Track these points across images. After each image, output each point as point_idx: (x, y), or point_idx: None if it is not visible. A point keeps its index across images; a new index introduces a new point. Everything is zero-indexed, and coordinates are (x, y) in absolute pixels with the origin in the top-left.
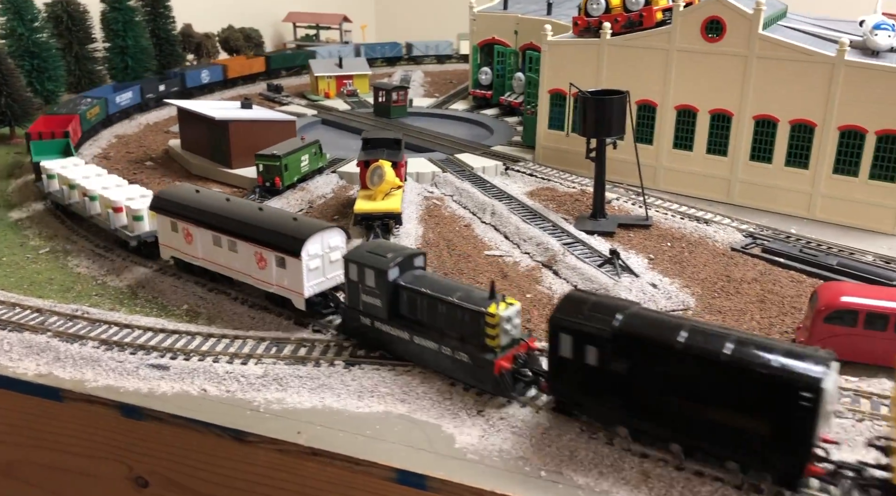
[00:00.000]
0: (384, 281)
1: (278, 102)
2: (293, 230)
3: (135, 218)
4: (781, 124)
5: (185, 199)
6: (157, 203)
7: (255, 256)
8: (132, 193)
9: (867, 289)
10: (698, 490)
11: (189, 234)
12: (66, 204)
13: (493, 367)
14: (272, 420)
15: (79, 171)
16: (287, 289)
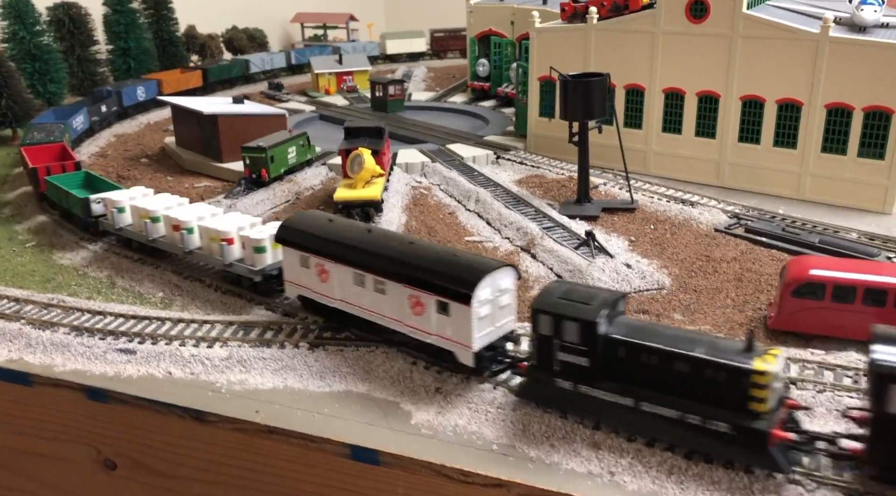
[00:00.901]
0: (593, 335)
1: (278, 100)
2: (459, 270)
3: (256, 250)
4: (768, 104)
5: (318, 229)
6: (284, 234)
7: (409, 300)
8: (240, 222)
9: (836, 263)
10: (648, 460)
11: (324, 271)
12: (149, 240)
13: (768, 439)
14: (233, 400)
15: (154, 201)
16: (450, 341)
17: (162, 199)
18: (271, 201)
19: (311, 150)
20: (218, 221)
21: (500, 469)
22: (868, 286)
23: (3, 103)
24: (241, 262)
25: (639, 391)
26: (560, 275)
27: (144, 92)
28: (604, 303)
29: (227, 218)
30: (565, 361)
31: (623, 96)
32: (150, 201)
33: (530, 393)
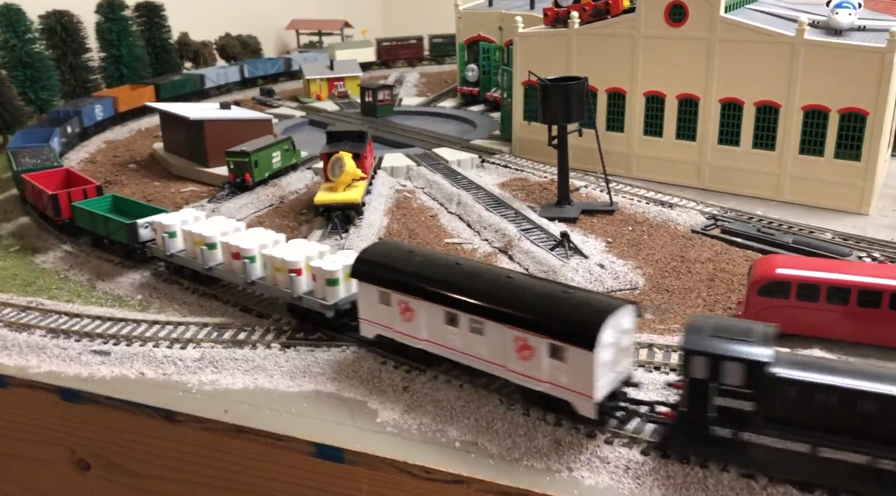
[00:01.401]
0: (761, 376)
1: (269, 105)
2: (576, 309)
3: (328, 282)
4: (747, 106)
5: (400, 262)
6: (362, 268)
7: (515, 343)
8: (308, 250)
9: (802, 262)
10: (606, 456)
11: (408, 310)
12: (205, 269)
13: None
14: (202, 400)
15: (210, 226)
16: (566, 390)
17: (217, 224)
18: (255, 205)
19: (296, 154)
20: (283, 250)
21: (462, 465)
22: (831, 284)
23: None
24: (310, 296)
25: (815, 435)
26: (535, 276)
27: (102, 111)
28: (765, 339)
29: (292, 245)
30: (724, 406)
31: (605, 100)
32: (206, 226)
33: (678, 442)
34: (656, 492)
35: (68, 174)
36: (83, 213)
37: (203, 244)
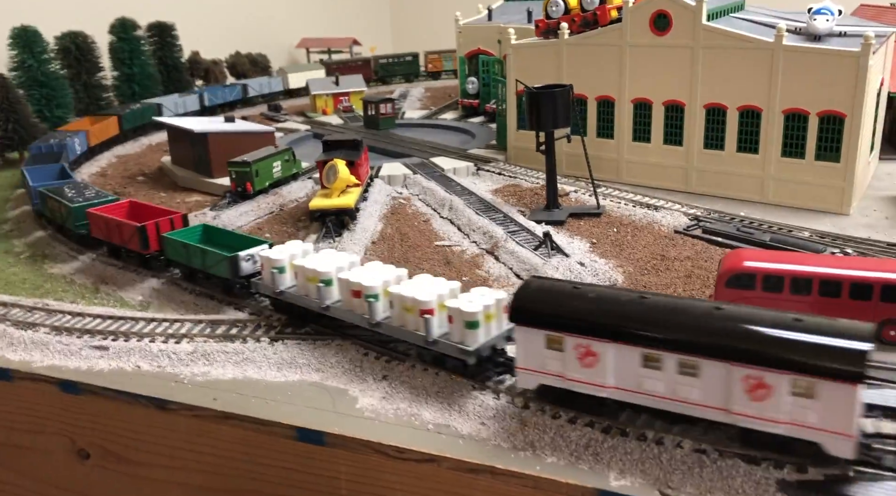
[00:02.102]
0: None
1: (276, 120)
2: (825, 339)
3: (468, 325)
4: (730, 111)
5: (571, 299)
6: (523, 310)
7: (744, 382)
8: (439, 288)
9: (769, 255)
10: (568, 435)
11: (589, 354)
12: (321, 308)
13: None
14: (193, 390)
15: (323, 261)
16: (815, 430)
17: (331, 258)
18: (255, 213)
19: (296, 164)
20: (412, 287)
21: (433, 445)
22: (795, 275)
23: (11, 127)
24: (447, 339)
25: None
26: (519, 274)
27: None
28: None
29: (421, 282)
30: None
31: (595, 108)
32: (319, 260)
33: None
34: (614, 468)
35: (133, 205)
36: (175, 245)
37: (318, 280)
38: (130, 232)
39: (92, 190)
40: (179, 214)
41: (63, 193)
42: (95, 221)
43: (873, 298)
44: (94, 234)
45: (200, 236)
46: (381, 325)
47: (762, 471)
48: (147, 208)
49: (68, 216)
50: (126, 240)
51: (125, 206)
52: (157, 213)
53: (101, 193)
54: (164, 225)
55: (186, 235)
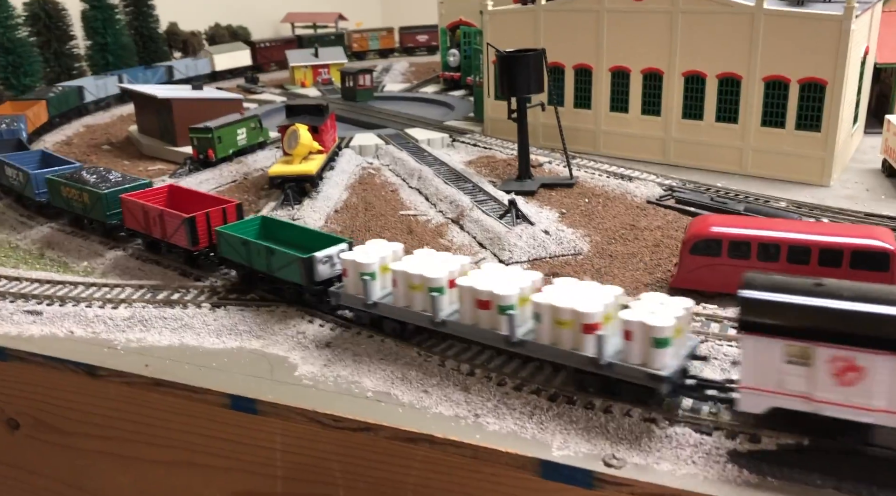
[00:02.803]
0: None
1: (253, 92)
2: None
3: (656, 343)
4: (709, 79)
5: (825, 299)
6: (758, 314)
7: None
8: (604, 296)
9: (737, 220)
10: (512, 403)
11: (851, 368)
12: (435, 322)
13: None
14: (126, 356)
15: (431, 264)
16: None
17: (440, 260)
18: (216, 180)
19: (263, 132)
20: (566, 296)
21: (371, 414)
22: (762, 241)
23: None
24: (622, 361)
25: None
26: (482, 243)
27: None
28: None
29: (569, 287)
30: None
31: (573, 77)
32: (425, 263)
33: None
34: (558, 437)
35: (174, 191)
36: (232, 242)
37: (426, 289)
38: (176, 224)
39: (116, 173)
40: (234, 203)
41: (83, 179)
42: (132, 210)
43: (843, 265)
44: (130, 225)
45: (258, 230)
46: (525, 344)
47: (713, 440)
48: (190, 195)
49: (96, 204)
50: (169, 233)
51: (163, 193)
52: (204, 201)
53: (129, 177)
54: (215, 216)
55: (242, 229)
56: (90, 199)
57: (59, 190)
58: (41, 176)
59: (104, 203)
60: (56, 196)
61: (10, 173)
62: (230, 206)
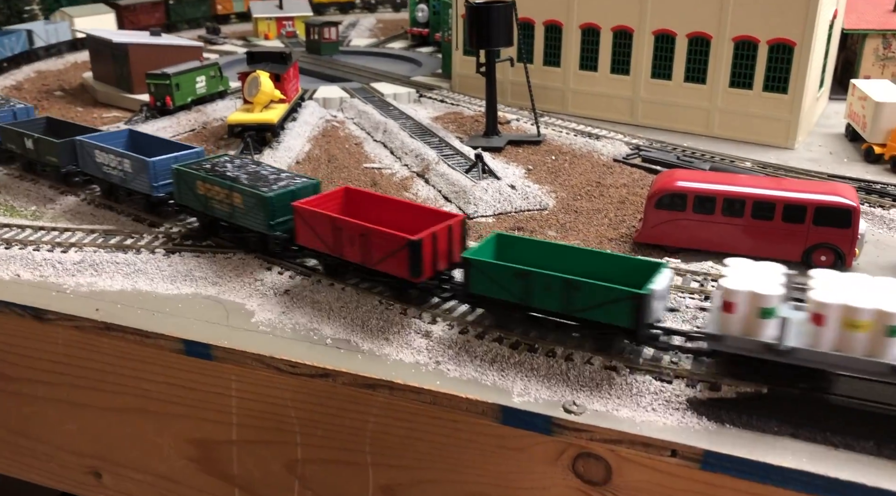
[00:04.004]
0: None
1: (214, 43)
2: None
3: None
4: (679, 38)
5: None
6: None
7: None
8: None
9: (703, 175)
10: (474, 350)
11: None
12: None
13: None
14: (76, 300)
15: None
16: None
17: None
18: (174, 129)
19: (223, 81)
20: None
21: (330, 360)
22: (727, 196)
23: None
24: None
25: None
26: (447, 196)
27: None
28: None
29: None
30: None
31: (542, 33)
32: (873, 293)
33: None
34: (518, 384)
35: (350, 195)
36: (497, 275)
37: (882, 326)
38: (390, 247)
39: (270, 168)
40: (459, 218)
41: (227, 174)
42: (311, 222)
43: (805, 221)
44: (305, 242)
45: (494, 250)
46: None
47: (673, 388)
48: (375, 200)
49: (253, 210)
50: (376, 258)
51: (338, 198)
52: (399, 211)
53: (287, 173)
54: (440, 236)
55: (486, 252)
56: (245, 202)
57: (193, 186)
58: (163, 165)
59: (268, 210)
60: (185, 193)
61: (103, 160)
62: (455, 222)
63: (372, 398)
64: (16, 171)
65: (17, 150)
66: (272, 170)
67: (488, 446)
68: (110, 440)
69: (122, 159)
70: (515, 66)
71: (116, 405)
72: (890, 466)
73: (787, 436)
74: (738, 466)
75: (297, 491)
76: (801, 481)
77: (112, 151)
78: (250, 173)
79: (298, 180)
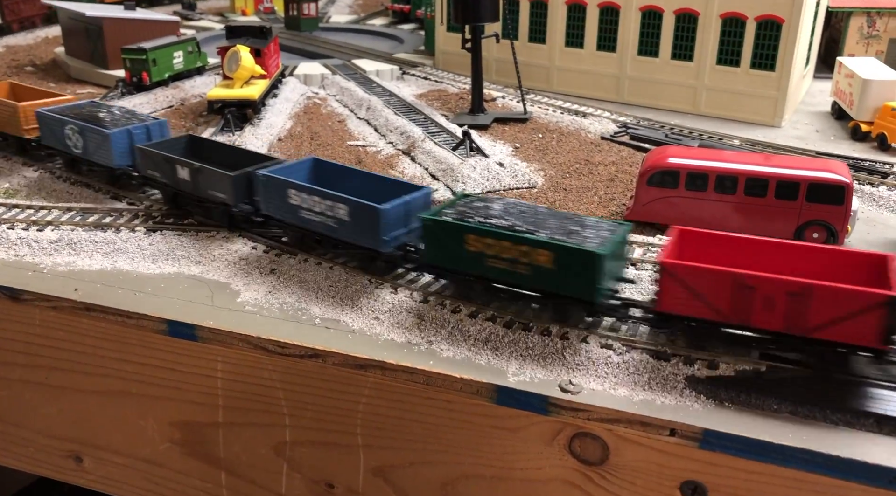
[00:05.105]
0: None
1: (190, 19)
2: None
3: None
4: (666, 15)
5: None
6: None
7: None
8: None
9: (696, 152)
10: (467, 330)
11: None
12: None
13: None
14: (53, 280)
15: None
16: None
17: None
18: (151, 105)
19: (201, 57)
20: None
21: (319, 340)
22: (720, 173)
23: None
24: None
25: None
26: (435, 174)
27: None
28: None
29: None
30: None
31: (528, 9)
32: None
33: None
34: (513, 364)
35: (687, 237)
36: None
37: None
38: (852, 307)
39: (559, 213)
40: None
41: (508, 222)
42: (695, 283)
43: (798, 198)
44: (671, 308)
45: None
46: None
47: (671, 366)
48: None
49: (565, 272)
50: (814, 323)
51: (691, 242)
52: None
53: (593, 219)
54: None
55: None
56: (554, 261)
57: (460, 241)
58: (395, 213)
59: (594, 268)
60: (448, 249)
61: (300, 202)
62: None
63: (363, 378)
64: None
65: (159, 179)
66: (569, 215)
67: (483, 427)
68: (91, 423)
69: (336, 204)
70: (500, 42)
71: (97, 388)
72: (890, 443)
73: (786, 414)
74: (738, 445)
75: (286, 473)
76: (801, 459)
77: (316, 192)
78: (539, 220)
79: (616, 227)
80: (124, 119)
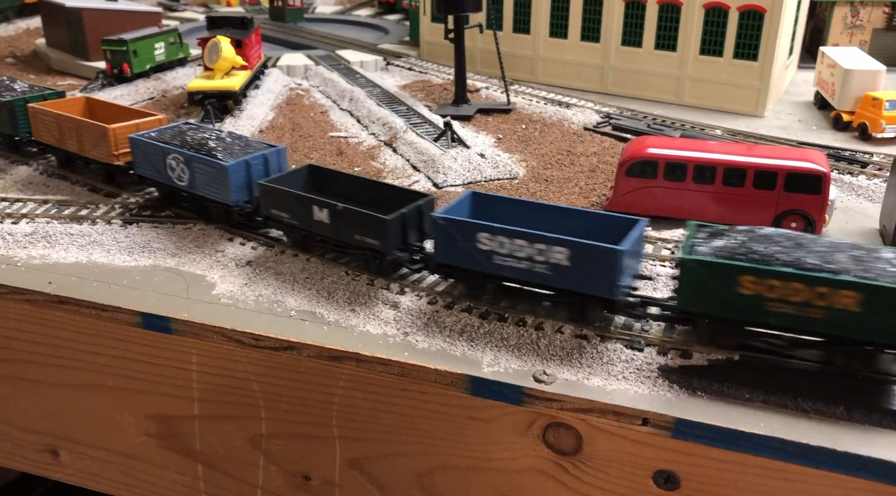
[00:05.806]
0: None
1: (174, 10)
2: None
3: None
4: (650, 5)
5: None
6: None
7: None
8: None
9: (675, 142)
10: (443, 321)
11: None
12: None
13: None
14: (27, 273)
15: None
16: None
17: None
18: (132, 97)
19: (183, 48)
20: None
21: (294, 332)
22: (698, 163)
23: None
24: None
25: None
26: (416, 165)
27: None
28: None
29: None
30: None
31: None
32: None
33: None
34: (488, 354)
35: None
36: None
37: None
38: None
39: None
40: None
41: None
42: None
43: (776, 188)
44: None
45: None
46: None
47: (644, 356)
48: None
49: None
50: None
51: None
52: None
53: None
54: None
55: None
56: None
57: (730, 282)
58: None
59: None
60: (712, 293)
61: (491, 247)
62: None
63: (338, 371)
64: None
65: (287, 219)
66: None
67: (458, 418)
68: (67, 417)
69: (551, 248)
70: (484, 33)
71: (72, 381)
72: (859, 430)
73: (758, 403)
74: (710, 434)
75: (263, 466)
76: (772, 447)
77: (520, 235)
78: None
79: None
80: (237, 146)
